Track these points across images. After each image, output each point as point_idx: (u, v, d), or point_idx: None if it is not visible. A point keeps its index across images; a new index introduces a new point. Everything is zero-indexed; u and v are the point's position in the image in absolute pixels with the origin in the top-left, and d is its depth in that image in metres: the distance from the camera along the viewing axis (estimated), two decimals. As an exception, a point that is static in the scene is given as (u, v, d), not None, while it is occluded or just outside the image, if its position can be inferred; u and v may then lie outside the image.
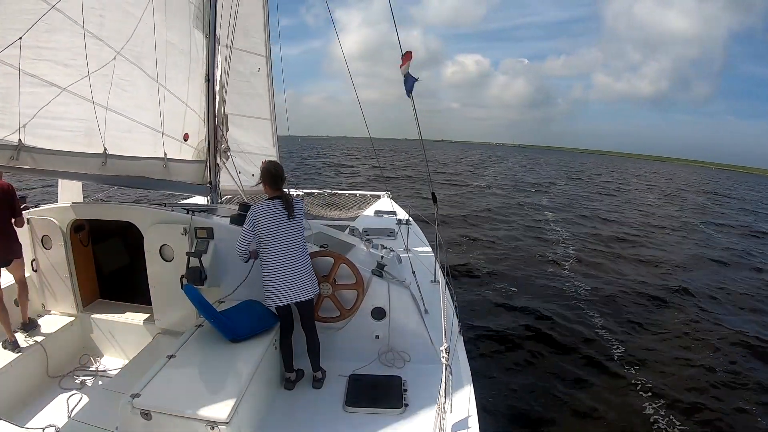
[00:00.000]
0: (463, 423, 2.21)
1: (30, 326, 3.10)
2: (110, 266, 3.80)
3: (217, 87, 3.71)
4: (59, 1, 2.33)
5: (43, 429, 2.39)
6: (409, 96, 3.16)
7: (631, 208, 19.94)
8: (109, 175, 3.08)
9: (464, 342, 3.00)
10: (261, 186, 5.62)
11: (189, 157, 3.72)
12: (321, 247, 3.12)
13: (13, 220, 2.97)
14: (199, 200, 4.52)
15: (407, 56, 3.15)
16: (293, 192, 6.70)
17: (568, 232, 12.78)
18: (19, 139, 2.36)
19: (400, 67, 3.19)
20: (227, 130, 3.95)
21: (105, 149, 2.94)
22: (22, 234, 3.28)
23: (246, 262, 2.70)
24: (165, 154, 3.39)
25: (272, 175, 2.61)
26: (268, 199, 2.63)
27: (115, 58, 2.77)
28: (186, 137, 3.51)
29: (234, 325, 2.49)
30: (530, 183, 28.12)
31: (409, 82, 3.16)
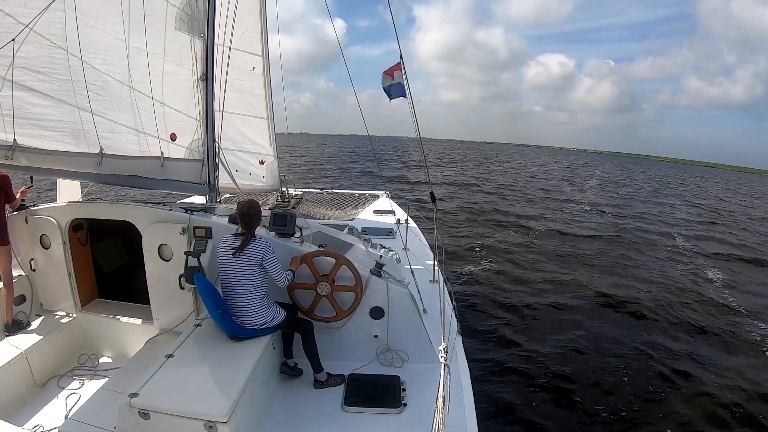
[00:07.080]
0: (462, 423, 2.21)
1: (14, 327, 3.04)
2: (109, 266, 3.79)
3: (217, 87, 3.70)
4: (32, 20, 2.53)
5: (42, 429, 2.38)
6: (404, 98, 3.28)
7: None
8: (105, 174, 3.09)
9: (463, 341, 3.01)
10: (260, 185, 5.60)
11: (182, 157, 3.72)
12: (320, 246, 3.12)
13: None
14: (198, 200, 4.51)
15: (397, 67, 3.38)
16: (292, 192, 6.71)
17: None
18: (14, 139, 2.50)
19: (393, 74, 3.36)
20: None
21: (101, 149, 2.97)
22: (21, 233, 3.28)
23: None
24: (162, 153, 3.39)
25: (241, 214, 2.57)
26: (234, 234, 2.61)
27: (82, 66, 2.85)
28: (173, 137, 3.51)
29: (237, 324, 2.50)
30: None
31: (389, 88, 3.40)
